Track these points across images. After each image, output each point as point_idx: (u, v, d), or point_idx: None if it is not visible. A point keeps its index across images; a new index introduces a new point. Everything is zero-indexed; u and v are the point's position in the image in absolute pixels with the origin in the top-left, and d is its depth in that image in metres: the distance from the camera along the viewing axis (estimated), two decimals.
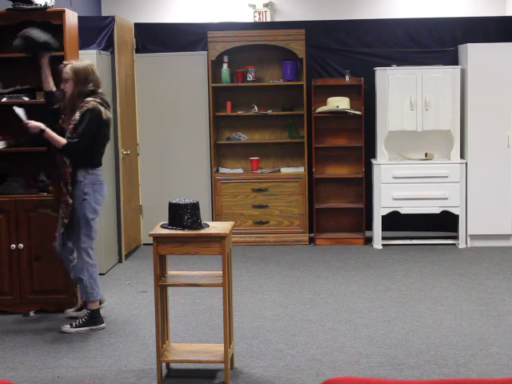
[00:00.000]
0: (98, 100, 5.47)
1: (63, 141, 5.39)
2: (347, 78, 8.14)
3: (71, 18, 5.93)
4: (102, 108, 5.46)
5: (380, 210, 7.92)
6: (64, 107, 5.55)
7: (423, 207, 7.90)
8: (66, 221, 5.52)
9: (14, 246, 5.86)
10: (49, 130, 5.43)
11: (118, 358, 4.97)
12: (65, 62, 5.56)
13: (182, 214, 4.56)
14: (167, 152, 8.24)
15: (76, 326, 5.52)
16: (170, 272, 4.82)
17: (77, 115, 5.42)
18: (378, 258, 7.53)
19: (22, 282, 5.90)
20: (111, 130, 7.46)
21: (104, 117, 5.47)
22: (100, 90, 5.56)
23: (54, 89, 5.68)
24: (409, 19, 8.59)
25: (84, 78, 5.46)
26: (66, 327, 5.53)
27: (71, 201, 5.48)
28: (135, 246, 8.08)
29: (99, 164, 5.62)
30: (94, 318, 5.57)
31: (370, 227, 8.18)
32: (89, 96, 5.45)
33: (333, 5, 9.37)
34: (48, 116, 5.61)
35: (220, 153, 8.51)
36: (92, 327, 5.54)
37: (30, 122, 5.47)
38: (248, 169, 8.42)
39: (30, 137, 5.66)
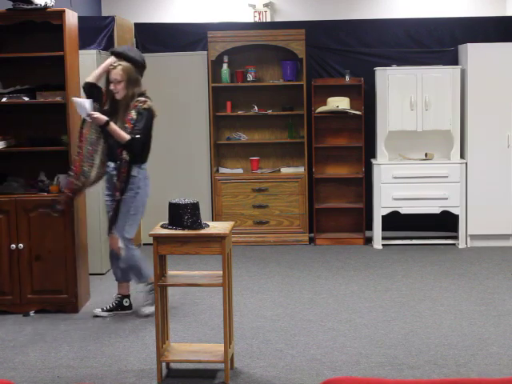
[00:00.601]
0: (146, 99, 5.66)
1: (127, 136, 5.55)
2: (347, 78, 8.14)
3: (71, 18, 5.93)
4: (154, 107, 5.68)
5: (380, 210, 7.92)
6: (111, 107, 5.67)
7: (423, 207, 7.90)
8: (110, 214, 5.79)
9: (14, 245, 5.86)
10: (113, 124, 5.56)
11: (117, 357, 4.97)
12: (114, 64, 5.64)
13: (182, 214, 4.57)
14: (167, 152, 8.23)
15: (107, 310, 5.81)
16: (169, 272, 4.82)
17: (133, 114, 5.59)
18: (378, 258, 7.53)
19: (22, 282, 5.90)
20: None
21: (155, 116, 5.72)
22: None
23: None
24: (409, 19, 8.60)
25: (135, 78, 5.65)
26: (97, 311, 5.80)
27: (119, 197, 5.65)
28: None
29: (147, 160, 5.81)
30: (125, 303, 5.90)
31: (370, 227, 8.18)
32: (140, 96, 5.63)
33: (333, 5, 9.36)
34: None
35: (220, 153, 8.51)
36: (122, 311, 5.87)
37: (95, 113, 5.55)
38: (248, 169, 8.42)
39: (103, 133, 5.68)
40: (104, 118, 5.55)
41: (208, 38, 8.12)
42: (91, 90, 5.69)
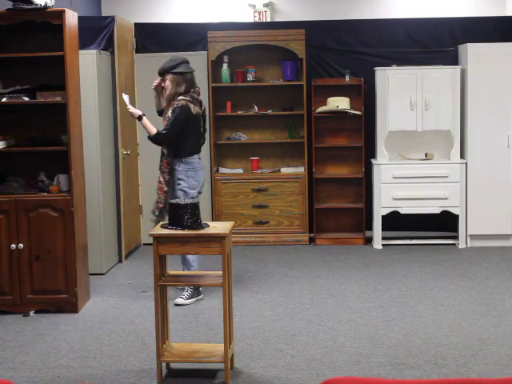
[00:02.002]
0: (187, 98, 6.12)
1: (154, 130, 6.11)
2: (347, 77, 8.14)
3: (71, 18, 5.92)
4: (191, 105, 6.12)
5: (380, 210, 7.92)
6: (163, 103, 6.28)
7: (423, 207, 7.90)
8: (160, 205, 6.17)
9: (14, 246, 5.86)
10: (145, 119, 6.16)
11: (117, 357, 4.97)
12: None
13: (182, 214, 4.57)
14: None
15: (187, 298, 6.09)
16: (169, 272, 4.82)
17: (169, 112, 6.12)
18: (378, 258, 7.53)
19: (22, 282, 5.90)
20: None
21: (193, 112, 6.12)
22: (193, 89, 6.20)
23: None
24: (409, 19, 8.59)
25: (177, 79, 6.16)
26: (180, 300, 6.07)
27: (166, 188, 6.16)
28: (135, 246, 8.08)
29: (195, 152, 6.22)
30: (197, 289, 6.17)
31: (369, 227, 8.18)
32: (181, 95, 6.13)
33: (333, 5, 9.36)
34: None
35: (220, 153, 8.51)
36: (197, 297, 6.16)
37: (131, 107, 6.21)
38: (248, 169, 8.42)
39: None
40: (137, 112, 6.18)
41: (208, 37, 8.12)
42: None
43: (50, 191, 5.95)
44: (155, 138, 6.12)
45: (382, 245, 7.97)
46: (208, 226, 4.66)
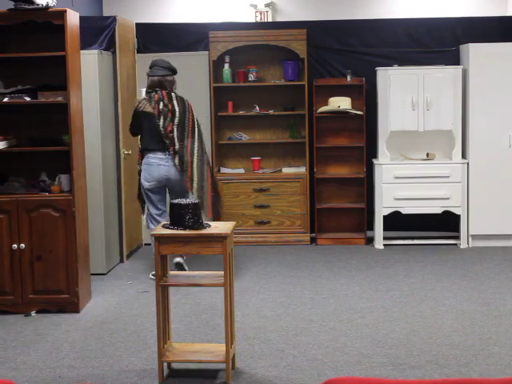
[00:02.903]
0: (145, 96, 6.65)
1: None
2: (349, 77, 8.14)
3: (73, 18, 5.92)
4: (145, 102, 6.58)
5: (381, 210, 7.92)
6: None
7: (425, 207, 7.89)
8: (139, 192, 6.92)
9: (15, 245, 5.86)
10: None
11: (119, 357, 4.97)
12: None
13: (184, 214, 4.57)
14: None
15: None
16: (171, 272, 4.83)
17: None
18: (380, 258, 7.53)
19: (24, 282, 5.90)
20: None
21: (139, 109, 6.60)
22: (158, 89, 6.58)
23: None
24: (410, 19, 8.59)
25: (146, 86, 6.72)
26: (181, 259, 6.65)
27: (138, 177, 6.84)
28: (136, 246, 8.08)
29: (152, 148, 6.60)
30: None
31: (371, 227, 8.17)
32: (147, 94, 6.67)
33: (334, 5, 9.36)
34: None
35: (221, 153, 8.51)
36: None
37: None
38: (249, 169, 8.42)
39: None
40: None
41: (209, 37, 8.12)
42: None
43: (52, 191, 5.95)
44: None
45: (384, 245, 7.97)
46: (209, 225, 4.66)
